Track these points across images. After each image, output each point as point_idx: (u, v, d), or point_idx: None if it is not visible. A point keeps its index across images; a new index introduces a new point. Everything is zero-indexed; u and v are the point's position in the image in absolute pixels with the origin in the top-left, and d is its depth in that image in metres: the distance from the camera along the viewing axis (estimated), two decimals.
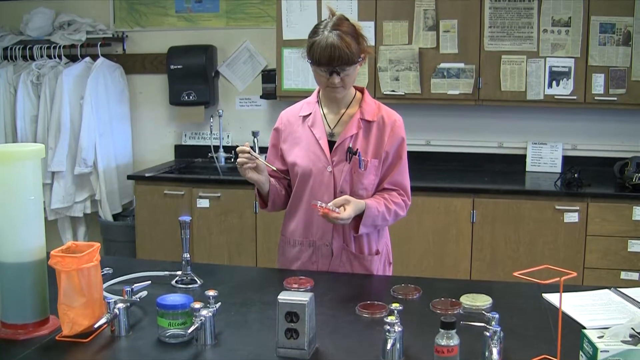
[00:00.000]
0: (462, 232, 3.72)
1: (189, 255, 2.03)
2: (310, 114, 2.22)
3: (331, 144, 2.18)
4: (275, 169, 2.17)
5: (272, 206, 2.24)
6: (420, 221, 3.73)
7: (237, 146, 2.09)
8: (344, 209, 2.03)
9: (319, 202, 2.02)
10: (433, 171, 4.15)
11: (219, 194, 4.00)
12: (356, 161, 2.13)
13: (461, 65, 3.90)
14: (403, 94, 3.99)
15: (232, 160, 4.49)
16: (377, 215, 2.14)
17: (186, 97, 4.46)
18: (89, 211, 4.56)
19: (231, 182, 4.04)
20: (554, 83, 3.81)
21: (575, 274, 1.42)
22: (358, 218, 2.12)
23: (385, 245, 2.32)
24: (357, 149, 2.14)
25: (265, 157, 2.20)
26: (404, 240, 3.71)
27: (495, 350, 1.42)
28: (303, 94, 2.52)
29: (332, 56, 2.01)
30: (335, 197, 2.11)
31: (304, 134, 2.20)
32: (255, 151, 2.07)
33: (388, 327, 1.47)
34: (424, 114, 4.28)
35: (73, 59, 4.51)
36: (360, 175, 2.14)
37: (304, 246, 2.23)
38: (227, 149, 4.53)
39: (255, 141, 4.27)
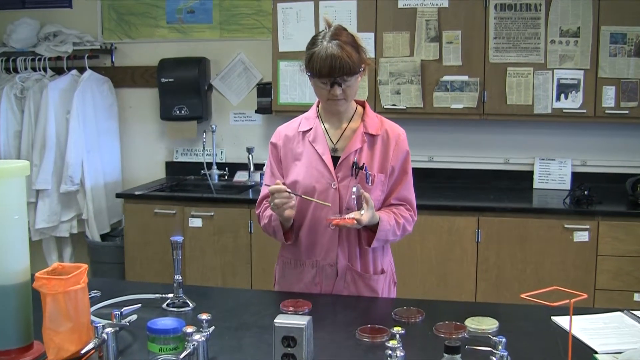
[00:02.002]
0: (466, 252, 3.72)
1: (180, 277, 2.03)
2: (311, 129, 2.24)
3: (334, 159, 2.19)
4: (327, 203, 2.12)
5: (296, 236, 2.26)
6: (423, 240, 3.73)
7: (232, 163, 2.09)
8: (364, 211, 2.05)
9: (332, 215, 2.07)
10: (436, 189, 4.16)
11: (212, 213, 4.00)
12: (363, 176, 2.15)
13: (465, 77, 3.92)
14: (404, 108, 4.00)
15: (226, 177, 4.50)
16: (389, 230, 2.16)
17: (178, 112, 4.47)
18: (75, 231, 4.54)
19: (225, 200, 4.04)
20: (563, 96, 3.82)
21: (585, 295, 1.41)
22: (368, 230, 2.15)
23: (389, 264, 2.33)
24: (364, 163, 2.15)
25: (296, 191, 2.17)
26: (406, 260, 3.70)
27: None
28: (300, 109, 2.55)
29: (333, 66, 2.02)
30: (341, 215, 2.13)
31: (305, 150, 2.22)
32: (251, 167, 2.07)
33: (390, 352, 1.46)
34: (426, 128, 4.29)
35: (59, 71, 4.52)
36: (367, 190, 2.14)
37: (307, 267, 2.24)
38: (221, 166, 4.53)
39: (250, 157, 4.41)
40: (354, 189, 2.05)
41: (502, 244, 3.69)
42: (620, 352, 1.38)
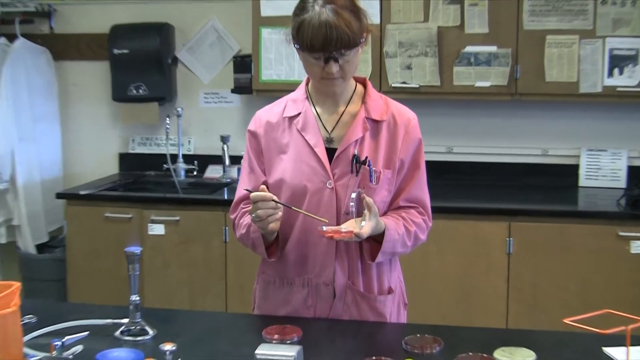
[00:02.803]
0: (495, 266, 3.73)
1: (138, 298, 2.02)
2: (299, 114, 2.24)
3: (329, 152, 2.20)
4: (325, 220, 2.12)
5: (281, 251, 2.25)
6: (440, 252, 3.74)
7: (202, 156, 2.09)
8: (366, 220, 2.06)
9: (325, 227, 2.06)
10: (456, 187, 4.17)
11: (177, 218, 4.02)
12: (366, 173, 2.16)
13: (493, 49, 3.93)
14: (417, 86, 4.01)
15: (195, 173, 4.52)
16: (397, 240, 2.18)
17: (134, 92, 4.48)
18: (4, 240, 4.53)
19: (193, 202, 4.05)
20: (616, 71, 3.83)
21: None
22: (372, 240, 2.16)
23: (398, 282, 2.36)
24: (367, 157, 2.17)
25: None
26: (419, 276, 3.72)
27: None
28: (287, 88, 2.52)
29: (328, 38, 2.01)
30: (339, 221, 2.14)
31: (292, 140, 2.22)
32: (226, 161, 2.07)
33: None
34: (444, 112, 4.31)
35: None
36: (371, 190, 2.16)
37: (296, 287, 2.25)
38: (189, 159, 4.54)
39: (225, 149, 4.41)
40: (353, 195, 2.06)
41: (539, 256, 3.70)
42: None
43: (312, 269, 2.22)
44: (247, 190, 2.15)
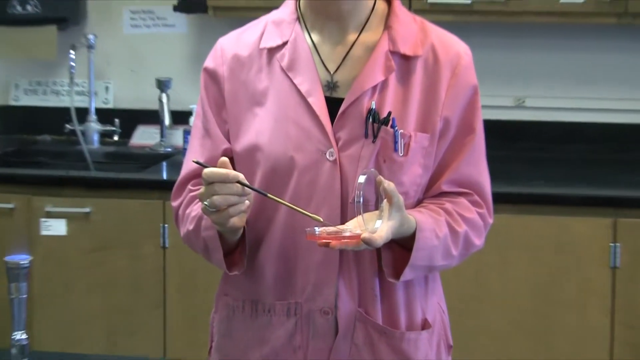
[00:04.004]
0: (591, 288, 3.77)
1: (25, 336, 2.04)
2: (285, 44, 2.26)
3: (331, 104, 2.21)
4: (319, 218, 2.12)
5: (250, 261, 2.27)
6: (505, 262, 3.79)
7: (128, 111, 2.10)
8: (383, 219, 2.06)
9: (317, 228, 2.05)
10: (530, 162, 4.24)
11: (87, 209, 4.07)
12: (389, 138, 2.17)
13: None
14: (469, 2, 4.03)
15: (115, 137, 4.59)
16: (436, 247, 2.18)
17: (19, 9, 4.51)
18: None
19: (113, 184, 4.13)
20: None
21: None
22: (397, 247, 2.18)
23: (438, 311, 2.37)
24: (390, 113, 2.17)
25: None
26: (471, 303, 3.78)
27: None
28: (264, 5, 2.58)
29: None
30: (344, 216, 2.15)
31: (273, 85, 2.25)
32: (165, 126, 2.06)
33: None
34: (512, 44, 4.39)
35: None
36: (395, 167, 2.17)
37: (277, 316, 2.25)
38: (105, 116, 4.60)
39: (165, 100, 4.47)
40: (362, 178, 2.04)
41: None
42: None
43: (302, 289, 2.22)
44: (197, 162, 2.14)
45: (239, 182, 2.02)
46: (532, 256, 3.81)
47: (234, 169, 2.16)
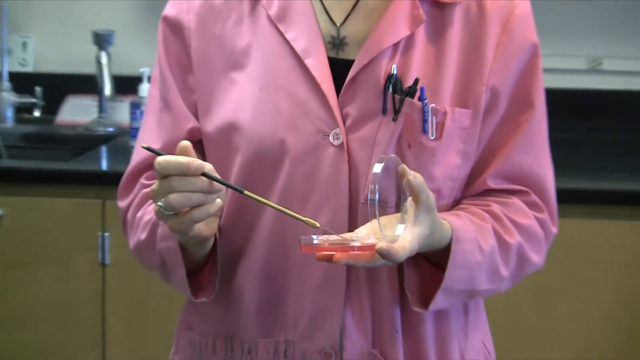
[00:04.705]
0: None
1: None
2: None
3: (337, 67, 2.14)
4: (315, 223, 2.05)
5: (224, 282, 2.24)
6: (574, 284, 3.77)
7: (53, 76, 2.03)
8: (405, 221, 1.99)
9: (316, 236, 1.97)
10: (609, 145, 4.23)
11: None
12: (415, 113, 2.09)
13: None
14: None
15: (36, 112, 4.57)
16: (480, 263, 2.11)
17: None
18: None
19: (35, 176, 4.09)
20: None
21: None
22: (424, 264, 2.13)
23: (482, 353, 2.33)
24: (417, 81, 2.10)
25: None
26: (529, 338, 3.74)
27: None
28: None
29: None
30: (353, 220, 2.09)
31: (256, 41, 2.21)
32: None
33: None
34: None
35: None
36: (425, 153, 2.09)
37: (261, 357, 2.20)
38: (21, 82, 4.60)
39: (104, 61, 4.53)
40: (378, 168, 1.98)
41: None
42: None
43: (294, 321, 2.17)
44: (148, 148, 2.08)
45: (204, 174, 1.93)
46: (610, 276, 3.78)
47: (203, 157, 2.17)
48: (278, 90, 2.13)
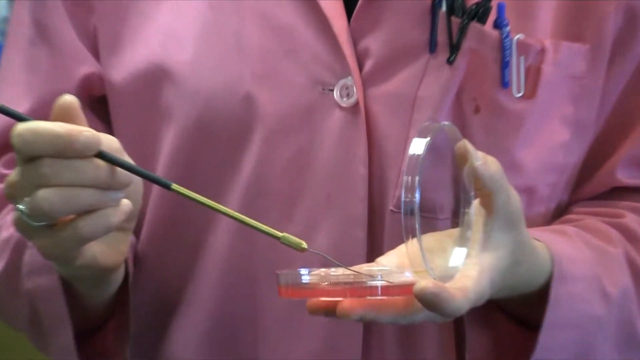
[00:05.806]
0: None
1: None
2: None
3: None
4: (304, 245, 1.62)
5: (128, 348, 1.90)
6: None
7: None
8: (467, 244, 1.63)
9: (305, 271, 1.62)
10: None
11: None
12: (487, 51, 1.70)
13: None
14: None
15: None
16: (601, 318, 1.76)
17: None
18: None
19: None
20: None
21: None
22: (506, 322, 1.77)
23: None
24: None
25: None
26: None
27: None
28: None
29: None
30: (375, 234, 1.71)
31: None
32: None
33: None
34: None
35: None
36: (505, 121, 1.70)
37: None
38: None
39: None
40: (417, 145, 1.59)
41: None
42: None
43: None
44: (4, 110, 1.59)
45: (100, 154, 1.43)
46: None
47: (104, 127, 1.83)
48: (242, 9, 1.72)
